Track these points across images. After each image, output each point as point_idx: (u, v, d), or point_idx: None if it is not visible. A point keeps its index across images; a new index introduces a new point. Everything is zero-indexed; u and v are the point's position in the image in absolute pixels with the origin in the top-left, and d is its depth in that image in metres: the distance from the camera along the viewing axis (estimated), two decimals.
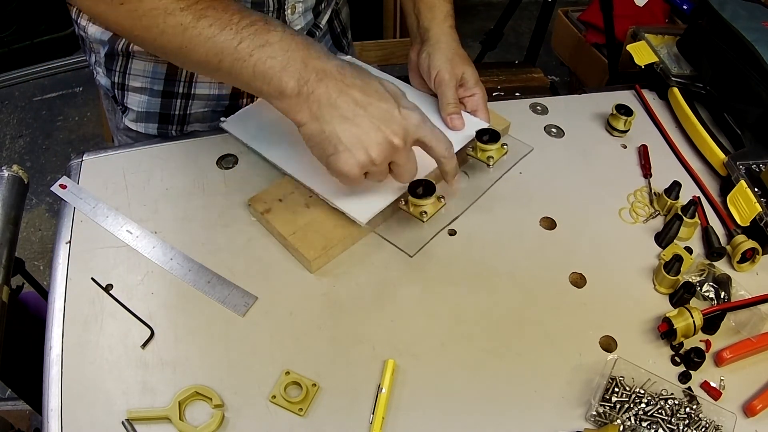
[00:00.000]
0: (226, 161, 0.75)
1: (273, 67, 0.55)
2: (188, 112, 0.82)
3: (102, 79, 0.82)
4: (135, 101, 0.81)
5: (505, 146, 0.73)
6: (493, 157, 0.72)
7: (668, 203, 0.74)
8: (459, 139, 0.74)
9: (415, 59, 0.80)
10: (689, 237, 0.72)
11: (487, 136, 0.72)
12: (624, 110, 0.83)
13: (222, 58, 0.56)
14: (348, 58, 0.89)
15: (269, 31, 0.55)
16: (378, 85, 0.59)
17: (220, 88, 0.81)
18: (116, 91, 0.81)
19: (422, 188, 0.65)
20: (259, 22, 0.56)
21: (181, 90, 0.80)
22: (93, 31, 0.77)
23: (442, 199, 0.67)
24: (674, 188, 0.74)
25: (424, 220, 0.66)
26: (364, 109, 0.56)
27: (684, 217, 0.70)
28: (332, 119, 0.56)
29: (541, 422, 0.56)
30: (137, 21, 0.57)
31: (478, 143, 0.72)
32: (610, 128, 0.85)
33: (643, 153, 0.82)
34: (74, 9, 0.77)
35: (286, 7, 0.78)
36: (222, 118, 0.78)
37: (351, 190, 0.66)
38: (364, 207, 0.66)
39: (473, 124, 0.76)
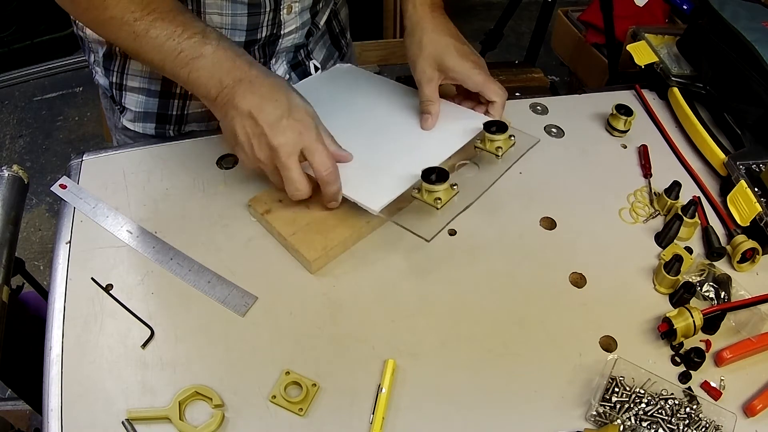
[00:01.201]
0: (226, 161, 0.75)
1: (202, 76, 0.64)
2: (186, 112, 0.82)
3: (100, 78, 0.82)
4: (133, 101, 0.81)
5: (512, 137, 0.73)
6: (501, 148, 0.72)
7: (668, 203, 0.74)
8: (467, 131, 0.74)
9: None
10: (689, 237, 0.72)
11: (495, 127, 0.71)
12: (624, 110, 0.83)
13: (165, 64, 0.64)
14: (347, 67, 0.89)
15: (204, 44, 0.63)
16: (281, 94, 0.63)
17: None
18: (114, 90, 0.81)
19: (435, 175, 0.64)
20: (197, 35, 0.64)
21: (178, 90, 0.80)
22: (91, 31, 0.77)
23: (455, 187, 0.66)
24: (674, 188, 0.74)
25: (438, 207, 0.65)
26: (257, 111, 0.62)
27: (684, 217, 0.70)
28: (233, 118, 0.63)
29: (541, 422, 0.56)
30: (100, 27, 0.67)
31: (486, 134, 0.71)
32: (610, 128, 0.85)
33: (643, 153, 0.82)
34: None
35: (282, 6, 0.77)
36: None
37: (362, 183, 0.67)
38: (377, 195, 0.65)
39: (479, 118, 0.75)
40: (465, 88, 0.76)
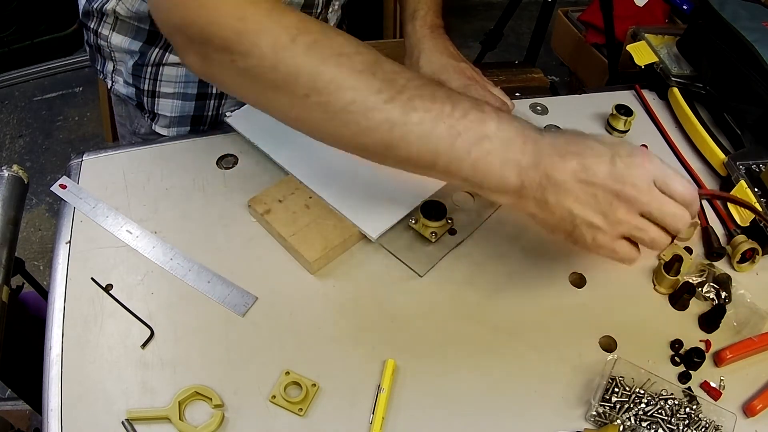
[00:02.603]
0: (226, 161, 0.75)
1: (492, 162, 0.50)
2: (221, 111, 0.82)
3: (122, 88, 0.81)
4: (167, 106, 0.80)
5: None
6: None
7: None
8: None
9: None
10: (689, 237, 0.72)
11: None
12: (624, 110, 0.83)
13: (437, 157, 0.50)
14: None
15: (484, 121, 0.50)
16: (592, 142, 0.51)
17: None
18: (145, 98, 0.80)
19: (435, 210, 0.67)
20: (472, 110, 0.50)
21: (215, 90, 0.80)
22: (119, 41, 0.76)
23: (450, 221, 0.68)
24: None
25: (433, 240, 0.67)
26: (585, 173, 0.50)
27: None
28: (559, 196, 0.50)
29: (541, 422, 0.56)
30: (331, 116, 0.50)
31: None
32: (610, 128, 0.85)
33: None
34: (95, 18, 0.76)
35: (330, 6, 0.76)
36: (227, 113, 0.78)
37: (362, 201, 0.67)
38: (376, 222, 0.66)
39: None
40: None
